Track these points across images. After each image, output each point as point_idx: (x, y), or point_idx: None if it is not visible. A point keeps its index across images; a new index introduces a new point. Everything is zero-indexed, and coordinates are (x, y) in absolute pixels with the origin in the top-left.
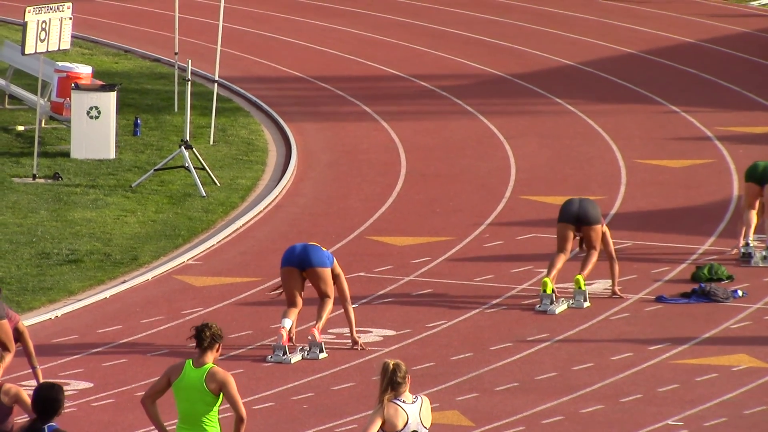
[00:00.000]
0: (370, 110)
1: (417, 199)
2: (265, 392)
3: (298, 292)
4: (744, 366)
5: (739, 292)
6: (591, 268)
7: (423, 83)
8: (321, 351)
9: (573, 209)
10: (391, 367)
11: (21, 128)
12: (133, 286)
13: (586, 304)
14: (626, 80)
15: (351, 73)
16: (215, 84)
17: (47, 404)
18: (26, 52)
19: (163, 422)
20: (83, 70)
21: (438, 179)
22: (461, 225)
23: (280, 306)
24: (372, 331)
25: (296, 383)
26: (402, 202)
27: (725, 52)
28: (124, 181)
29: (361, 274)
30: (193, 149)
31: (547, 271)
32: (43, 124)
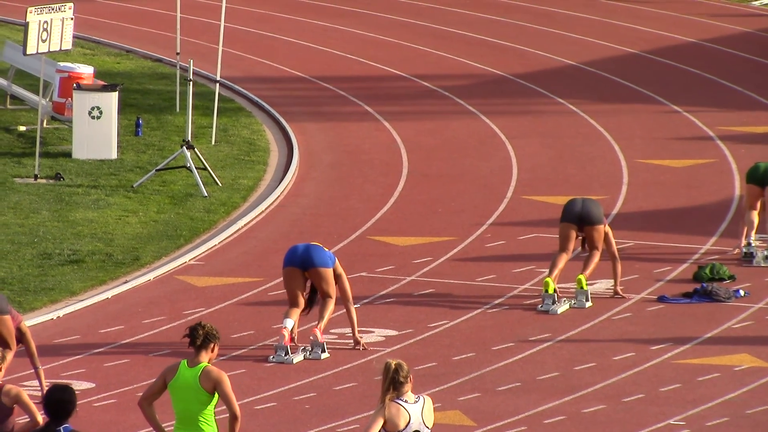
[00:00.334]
0: (372, 110)
1: (419, 199)
2: (267, 392)
3: (300, 292)
4: (746, 366)
5: (741, 292)
6: (593, 268)
7: (425, 83)
8: (323, 351)
9: (576, 209)
10: (393, 367)
11: (23, 128)
12: (134, 287)
13: (588, 304)
14: (628, 80)
15: (353, 73)
16: (217, 84)
17: (60, 406)
18: (28, 52)
19: (160, 423)
20: (85, 71)
21: (440, 179)
22: (463, 225)
23: (281, 306)
24: (374, 331)
25: (298, 383)
26: (404, 202)
27: (727, 51)
28: (125, 182)
29: (363, 274)
30: (195, 149)
31: (549, 270)
32: (44, 125)
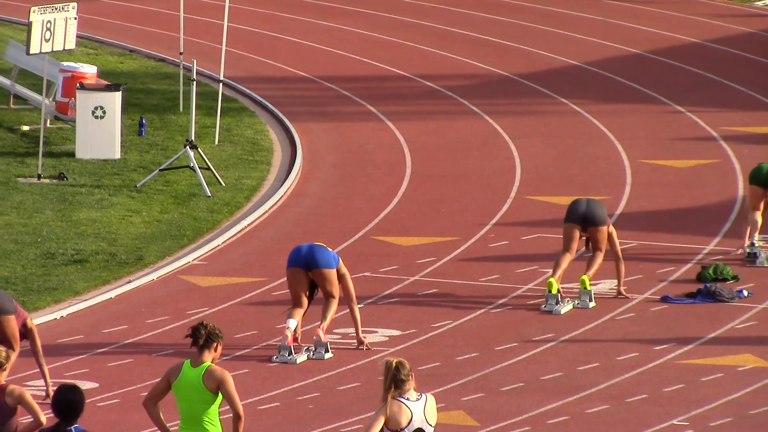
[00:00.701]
0: (375, 110)
1: (422, 200)
2: (270, 392)
3: (303, 292)
4: (749, 366)
5: (745, 292)
6: (597, 268)
7: (428, 83)
8: (326, 351)
9: (580, 210)
10: (394, 365)
11: (26, 128)
12: (138, 286)
13: (592, 305)
14: (631, 80)
15: (356, 73)
16: (220, 84)
17: (69, 406)
18: (31, 52)
19: (165, 423)
20: (88, 70)
21: (443, 179)
22: (466, 225)
23: (285, 306)
24: (377, 331)
25: (302, 383)
26: (407, 202)
27: (730, 52)
28: (129, 181)
29: (367, 274)
30: (198, 149)
31: (553, 271)
32: (48, 124)
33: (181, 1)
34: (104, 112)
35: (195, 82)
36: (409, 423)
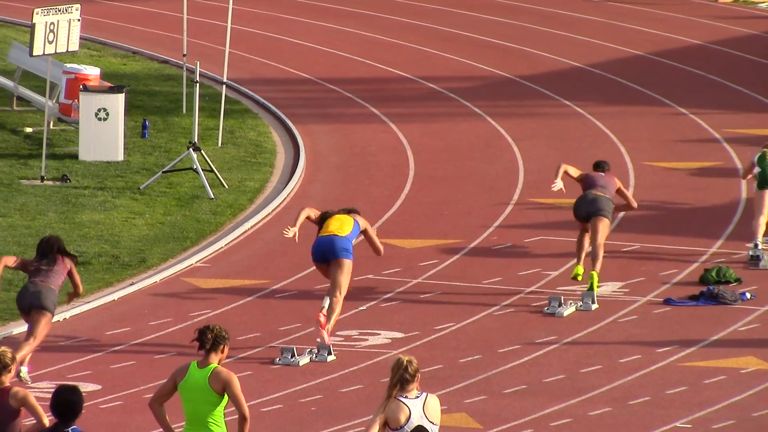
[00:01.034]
0: (378, 112)
1: (425, 202)
2: (273, 394)
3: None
4: (752, 368)
5: (747, 295)
6: (601, 261)
7: (431, 85)
8: (329, 353)
9: (586, 205)
10: (404, 364)
11: (29, 130)
12: (141, 288)
13: (594, 307)
14: (634, 82)
15: (359, 74)
16: (223, 86)
17: (68, 407)
18: (34, 53)
19: (170, 425)
20: (91, 72)
21: (446, 181)
22: (469, 227)
23: (288, 308)
24: (380, 333)
25: (304, 385)
26: (410, 204)
27: (733, 54)
28: (132, 183)
29: (370, 276)
30: (201, 151)
31: (577, 257)
32: (51, 126)
33: (184, 2)
34: (107, 114)
35: (198, 84)
36: (407, 420)
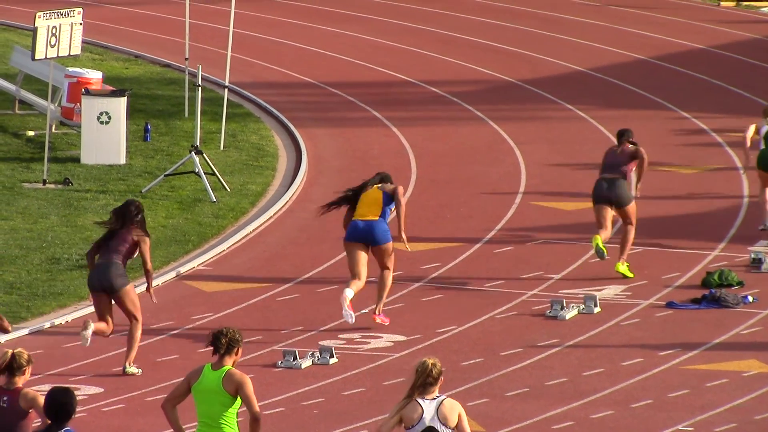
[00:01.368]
0: (380, 116)
1: (427, 205)
2: (275, 397)
3: (363, 264)
4: (754, 371)
5: (750, 298)
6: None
7: (433, 89)
8: (331, 356)
9: (603, 191)
10: (428, 368)
11: (31, 133)
12: (143, 292)
13: (597, 310)
14: (637, 86)
15: (361, 78)
16: (225, 89)
17: (61, 408)
18: (36, 57)
19: (182, 426)
20: (93, 76)
21: (448, 185)
22: (472, 231)
23: (290, 311)
24: (383, 336)
25: (306, 388)
26: (412, 207)
27: (736, 58)
28: (134, 187)
29: (372, 279)
30: (204, 155)
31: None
32: (53, 130)
33: (186, 6)
34: (109, 118)
35: (200, 88)
36: (419, 420)
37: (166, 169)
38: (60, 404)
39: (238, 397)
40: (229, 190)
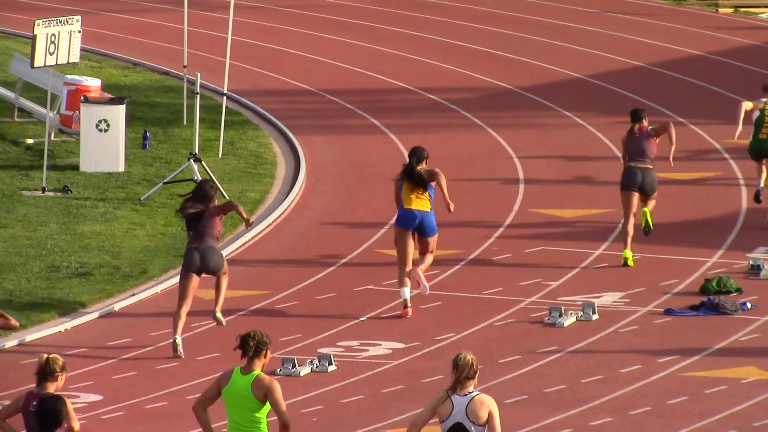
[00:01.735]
0: (378, 123)
1: None
2: None
3: (410, 252)
4: (753, 378)
5: (748, 305)
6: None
7: (431, 96)
8: (330, 364)
9: (636, 179)
10: (470, 361)
11: (30, 141)
12: (142, 299)
13: (595, 317)
14: (635, 93)
15: (360, 86)
16: (224, 97)
17: (51, 415)
18: (35, 65)
19: (213, 429)
20: (92, 83)
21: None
22: (470, 238)
23: (289, 318)
24: (381, 344)
25: (305, 396)
26: None
27: (734, 64)
28: (133, 194)
29: (370, 286)
30: (202, 162)
31: (624, 243)
32: (52, 137)
33: (185, 14)
34: (108, 125)
35: (199, 96)
36: (449, 415)
37: (164, 176)
38: (49, 410)
39: (267, 402)
40: (227, 197)
